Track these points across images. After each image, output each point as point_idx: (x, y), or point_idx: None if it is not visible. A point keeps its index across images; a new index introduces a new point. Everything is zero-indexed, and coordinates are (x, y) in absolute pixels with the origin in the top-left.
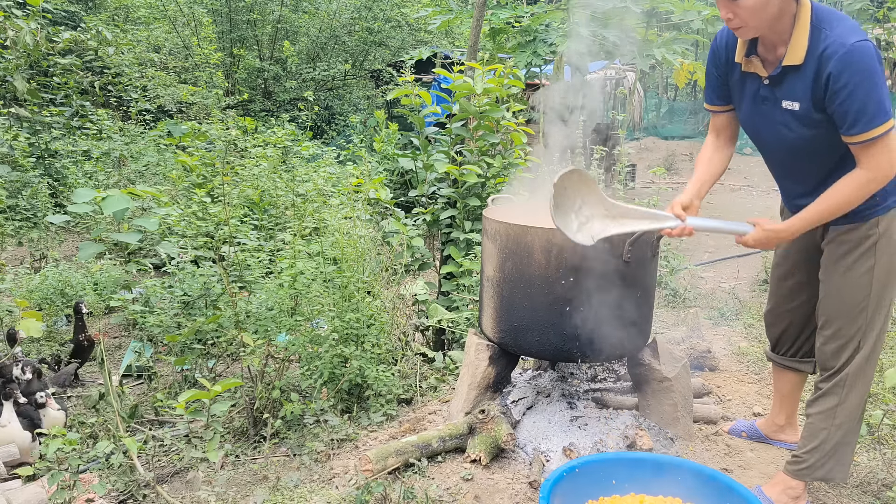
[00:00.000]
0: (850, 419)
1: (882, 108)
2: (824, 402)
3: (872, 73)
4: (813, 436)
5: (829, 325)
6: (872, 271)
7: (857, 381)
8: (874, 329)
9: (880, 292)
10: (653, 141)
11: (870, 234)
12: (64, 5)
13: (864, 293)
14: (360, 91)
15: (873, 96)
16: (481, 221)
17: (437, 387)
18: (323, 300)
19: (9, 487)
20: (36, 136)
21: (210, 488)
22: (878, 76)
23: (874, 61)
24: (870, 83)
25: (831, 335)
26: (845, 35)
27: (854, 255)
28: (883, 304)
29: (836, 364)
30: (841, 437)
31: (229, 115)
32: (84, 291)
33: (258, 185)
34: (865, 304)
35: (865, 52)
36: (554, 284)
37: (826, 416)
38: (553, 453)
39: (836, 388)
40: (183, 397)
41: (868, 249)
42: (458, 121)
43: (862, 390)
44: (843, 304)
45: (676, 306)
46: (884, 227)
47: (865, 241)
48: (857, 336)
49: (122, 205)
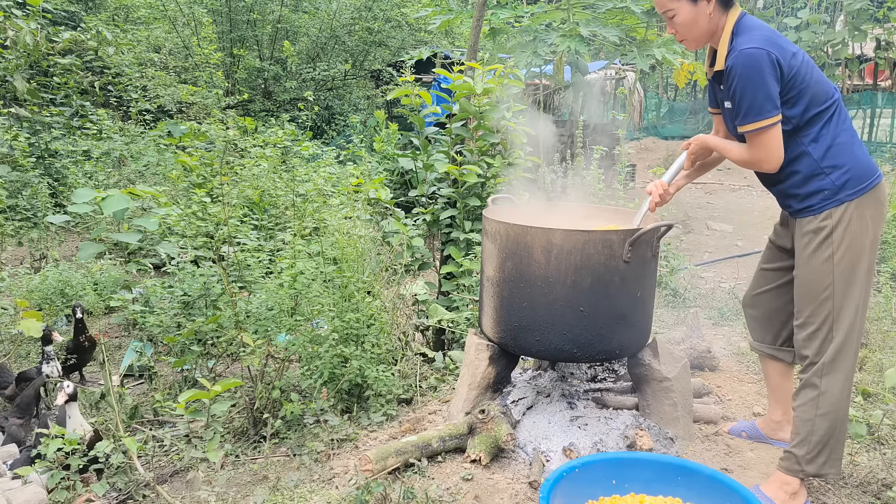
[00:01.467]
0: (834, 410)
1: (753, 109)
2: (805, 393)
3: (749, 77)
4: (800, 429)
5: (800, 315)
6: (832, 259)
7: (834, 370)
8: (844, 319)
9: (844, 281)
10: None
11: (824, 226)
12: (64, 5)
13: (827, 281)
14: (360, 91)
15: (747, 97)
16: (481, 221)
17: (437, 387)
18: (323, 300)
19: (9, 487)
20: (36, 136)
21: (210, 488)
22: (754, 80)
23: (755, 66)
24: (746, 85)
25: (801, 324)
26: (744, 42)
27: (813, 245)
28: (850, 295)
29: (810, 353)
30: (827, 428)
31: (229, 115)
32: (84, 291)
33: (258, 185)
34: (830, 292)
35: (749, 57)
36: (554, 284)
37: (809, 407)
38: (553, 453)
39: (813, 377)
40: (183, 397)
41: (825, 239)
42: (458, 121)
43: (842, 380)
44: (809, 292)
45: (676, 306)
46: (837, 219)
47: (821, 232)
48: (825, 325)
49: (122, 205)
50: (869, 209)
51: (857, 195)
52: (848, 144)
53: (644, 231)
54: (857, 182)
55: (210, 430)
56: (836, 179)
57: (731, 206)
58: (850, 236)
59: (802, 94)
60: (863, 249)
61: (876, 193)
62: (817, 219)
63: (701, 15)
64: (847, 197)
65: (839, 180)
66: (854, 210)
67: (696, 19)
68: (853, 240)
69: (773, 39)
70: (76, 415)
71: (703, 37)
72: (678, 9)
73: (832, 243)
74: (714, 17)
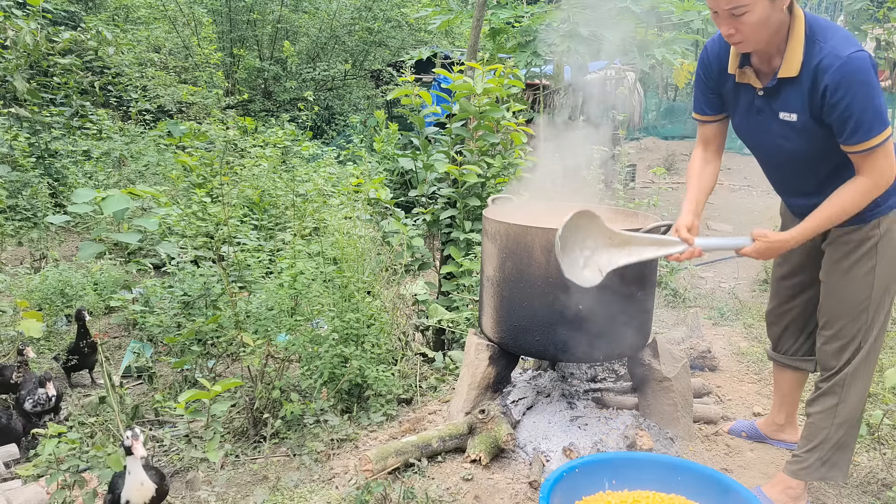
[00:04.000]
0: (850, 418)
1: (879, 118)
2: (824, 401)
3: (868, 85)
4: (813, 435)
5: (831, 326)
6: (874, 272)
7: (856, 380)
8: (874, 328)
9: (881, 293)
10: (653, 141)
11: (871, 236)
12: (64, 5)
13: (866, 294)
14: (360, 91)
15: (870, 107)
16: (481, 221)
17: (437, 387)
18: (323, 300)
19: (9, 487)
20: (36, 136)
21: (210, 488)
22: (873, 87)
23: (869, 72)
24: (866, 94)
25: (832, 335)
26: (840, 47)
27: (855, 256)
28: (884, 305)
29: (837, 364)
30: (841, 436)
31: (229, 115)
32: (84, 291)
33: (258, 185)
34: (867, 304)
35: (861, 63)
36: (554, 284)
37: (826, 416)
38: (553, 453)
39: (835, 387)
40: (183, 397)
41: (869, 250)
42: (458, 121)
43: (861, 389)
44: (845, 304)
45: (676, 306)
46: (885, 228)
47: (867, 243)
48: (857, 336)
49: (122, 205)
50: None
51: None
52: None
53: (644, 231)
54: None
55: (210, 430)
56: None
57: (731, 206)
58: (893, 246)
59: None
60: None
61: None
62: (865, 228)
63: (776, 12)
64: (895, 203)
65: (890, 187)
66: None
67: (770, 18)
68: (894, 249)
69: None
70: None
71: (770, 36)
72: (753, 5)
73: (876, 254)
74: (783, 16)
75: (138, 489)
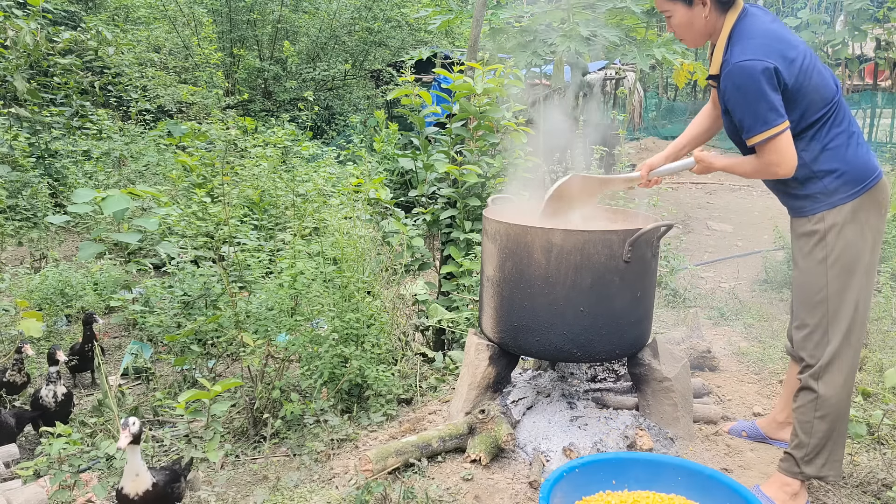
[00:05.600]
0: (833, 412)
1: (758, 120)
2: (803, 396)
3: (743, 90)
4: (798, 431)
5: (796, 316)
6: (826, 262)
7: (830, 373)
8: (841, 321)
9: (839, 284)
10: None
11: (816, 229)
12: (64, 5)
13: (820, 283)
14: (360, 91)
15: (747, 110)
16: (481, 221)
17: (437, 387)
18: (323, 300)
19: (9, 487)
20: (36, 136)
21: (210, 488)
22: (749, 93)
23: (748, 80)
24: (742, 98)
25: (797, 325)
26: (737, 54)
27: (807, 248)
28: (846, 297)
29: (805, 355)
30: (825, 431)
31: (229, 115)
32: (84, 291)
33: (258, 185)
34: (824, 294)
35: (740, 71)
36: (554, 284)
37: (806, 410)
38: (553, 453)
39: (810, 380)
40: (183, 397)
41: (819, 241)
42: (458, 121)
43: (839, 383)
44: (804, 294)
45: (676, 306)
46: (830, 222)
47: (814, 235)
48: (820, 327)
49: (122, 205)
50: (866, 211)
51: (852, 198)
52: (841, 147)
53: (644, 231)
54: (852, 185)
55: (210, 430)
56: (829, 184)
57: (731, 206)
58: (844, 239)
59: (798, 103)
60: (860, 252)
61: (874, 194)
62: (810, 221)
63: (696, 18)
64: (840, 200)
65: (831, 185)
66: (849, 213)
67: (692, 22)
68: (848, 242)
69: (772, 46)
70: (135, 460)
71: (700, 37)
72: (674, 10)
73: (826, 245)
74: (711, 19)
75: (133, 480)
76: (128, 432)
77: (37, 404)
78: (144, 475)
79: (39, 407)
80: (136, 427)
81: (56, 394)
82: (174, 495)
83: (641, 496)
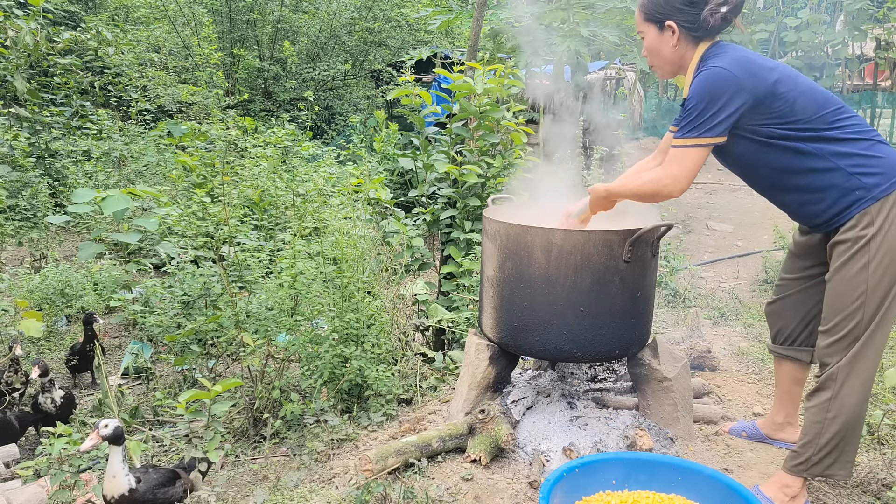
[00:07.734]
0: (847, 414)
1: (694, 125)
2: (818, 396)
3: (706, 90)
4: (809, 430)
5: (827, 322)
6: (867, 268)
7: (852, 375)
8: (871, 325)
9: (876, 289)
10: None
11: (863, 235)
12: (64, 5)
13: (860, 290)
14: (360, 91)
15: (696, 108)
16: (481, 221)
17: (437, 387)
18: (323, 300)
19: (9, 487)
20: (36, 136)
21: (210, 488)
22: (709, 94)
23: (708, 82)
24: (700, 96)
25: (826, 331)
26: (711, 63)
27: (849, 253)
28: (882, 302)
29: (831, 361)
30: (837, 431)
31: (229, 115)
32: (84, 291)
33: (258, 185)
34: (862, 301)
35: (708, 74)
36: (554, 284)
37: (819, 410)
38: (553, 453)
39: (828, 381)
40: (183, 397)
41: (862, 247)
42: (458, 121)
43: (858, 385)
44: (840, 302)
45: (676, 306)
46: (878, 225)
47: (860, 240)
48: (852, 334)
49: (122, 205)
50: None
51: (888, 191)
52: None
53: (644, 231)
54: (887, 178)
55: (210, 430)
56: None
57: (731, 206)
58: (887, 243)
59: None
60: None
61: None
62: (856, 227)
63: (664, 45)
64: (881, 193)
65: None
66: (891, 208)
67: (659, 48)
68: (890, 245)
69: (747, 68)
70: (114, 462)
71: (668, 66)
72: (647, 32)
73: (868, 251)
74: (679, 49)
75: (109, 481)
76: (96, 434)
77: (37, 409)
78: (121, 478)
79: (40, 411)
80: (108, 430)
81: (54, 399)
82: (160, 500)
83: (641, 496)
